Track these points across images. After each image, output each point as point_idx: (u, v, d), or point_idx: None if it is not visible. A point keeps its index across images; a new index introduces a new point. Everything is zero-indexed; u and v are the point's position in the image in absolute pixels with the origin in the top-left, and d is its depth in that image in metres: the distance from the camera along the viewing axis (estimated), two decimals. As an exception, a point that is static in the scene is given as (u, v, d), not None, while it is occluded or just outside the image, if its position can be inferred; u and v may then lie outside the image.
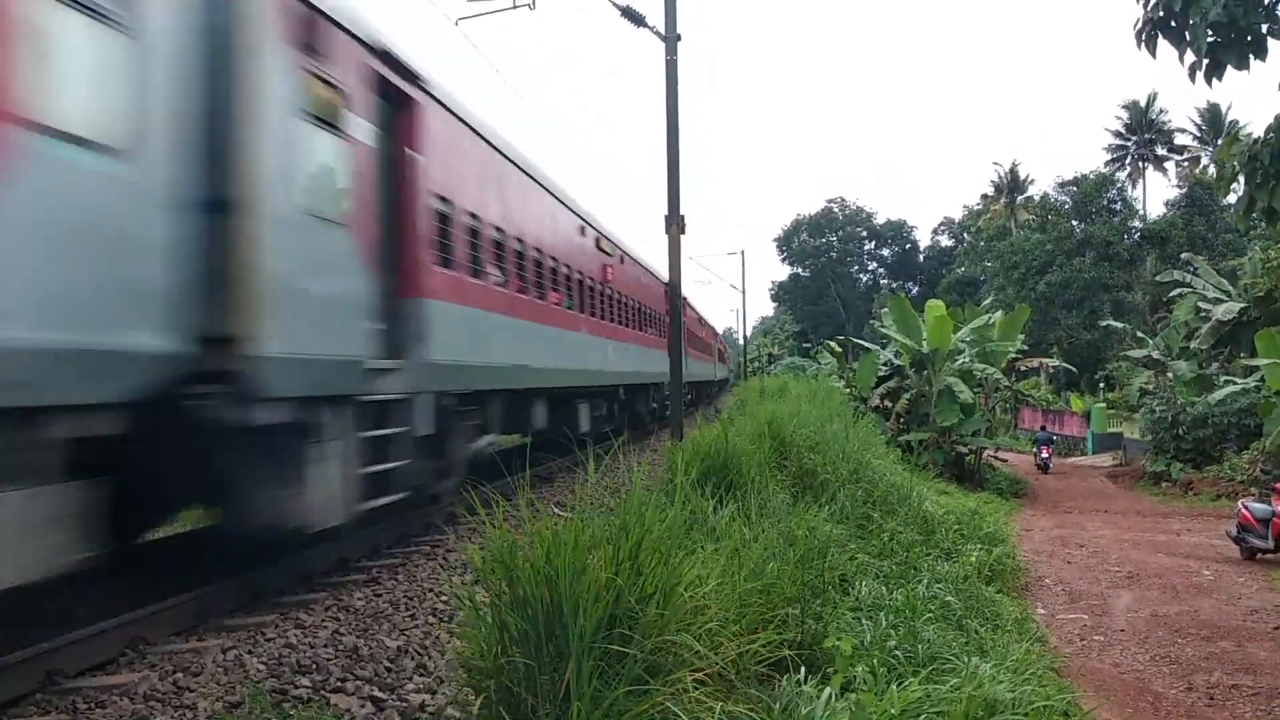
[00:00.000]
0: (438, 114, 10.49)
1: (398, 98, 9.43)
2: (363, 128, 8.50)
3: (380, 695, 5.47)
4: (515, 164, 13.63)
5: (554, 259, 15.60)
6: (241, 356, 6.49)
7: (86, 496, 5.47)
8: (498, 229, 12.60)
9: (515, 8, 14.99)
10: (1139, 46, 8.50)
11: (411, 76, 9.67)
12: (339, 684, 5.66)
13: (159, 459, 6.66)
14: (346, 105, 8.20)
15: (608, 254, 20.23)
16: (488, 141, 12.35)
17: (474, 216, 11.62)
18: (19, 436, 4.95)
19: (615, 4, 15.06)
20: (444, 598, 7.80)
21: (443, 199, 10.51)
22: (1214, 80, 8.19)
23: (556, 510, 11.10)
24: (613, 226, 21.50)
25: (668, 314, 20.20)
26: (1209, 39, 7.86)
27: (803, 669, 4.95)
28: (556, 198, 16.11)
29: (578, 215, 17.77)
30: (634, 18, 15.12)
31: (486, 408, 12.05)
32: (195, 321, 6.21)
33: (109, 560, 6.74)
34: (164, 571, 8.48)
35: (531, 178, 14.49)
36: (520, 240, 13.62)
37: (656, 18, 15.12)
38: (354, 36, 8.42)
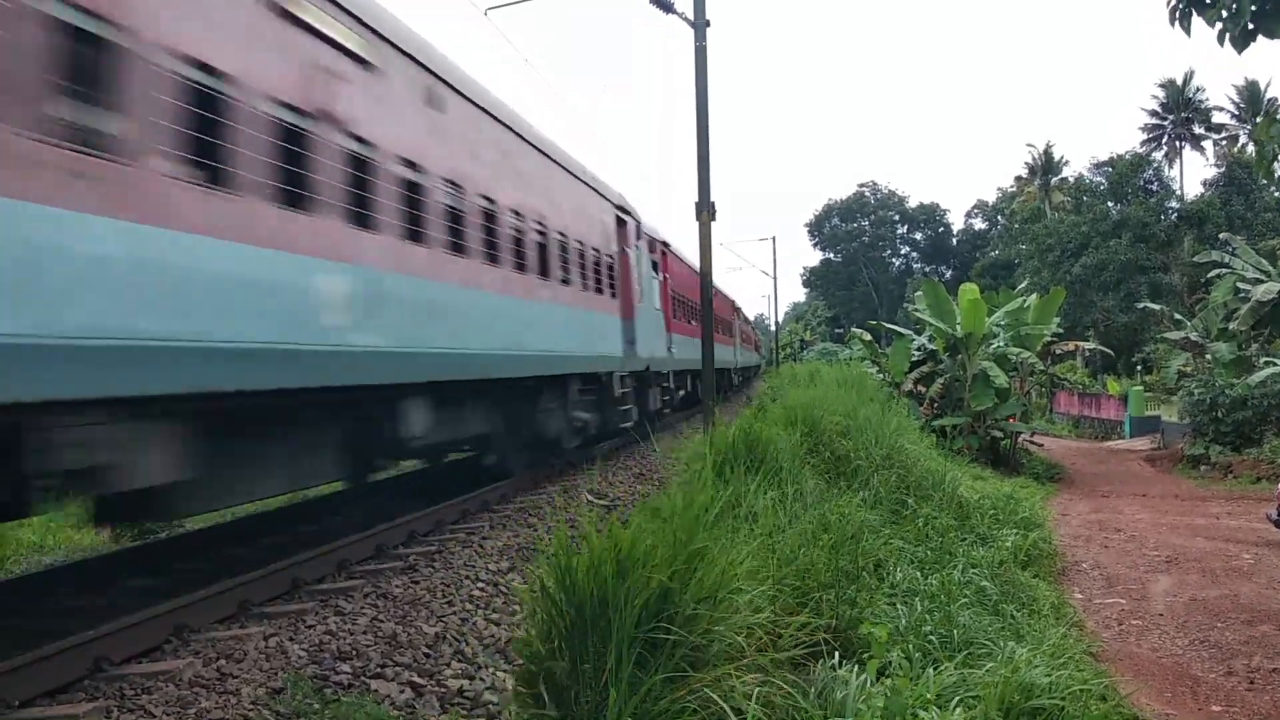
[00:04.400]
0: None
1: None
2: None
3: (419, 681, 5.55)
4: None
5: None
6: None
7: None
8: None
9: (544, -3, 15.04)
10: (1172, 24, 8.37)
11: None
12: (379, 670, 5.75)
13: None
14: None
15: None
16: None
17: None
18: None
19: (644, -9, 15.02)
20: (480, 584, 7.88)
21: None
22: (1240, 50, 8.03)
23: (590, 499, 11.20)
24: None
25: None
26: (1252, 8, 7.71)
27: (837, 654, 4.97)
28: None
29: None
30: (663, 4, 15.06)
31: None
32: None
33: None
34: (206, 560, 8.64)
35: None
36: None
37: (685, 3, 15.08)
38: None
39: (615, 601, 3.98)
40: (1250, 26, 7.85)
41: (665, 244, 24.25)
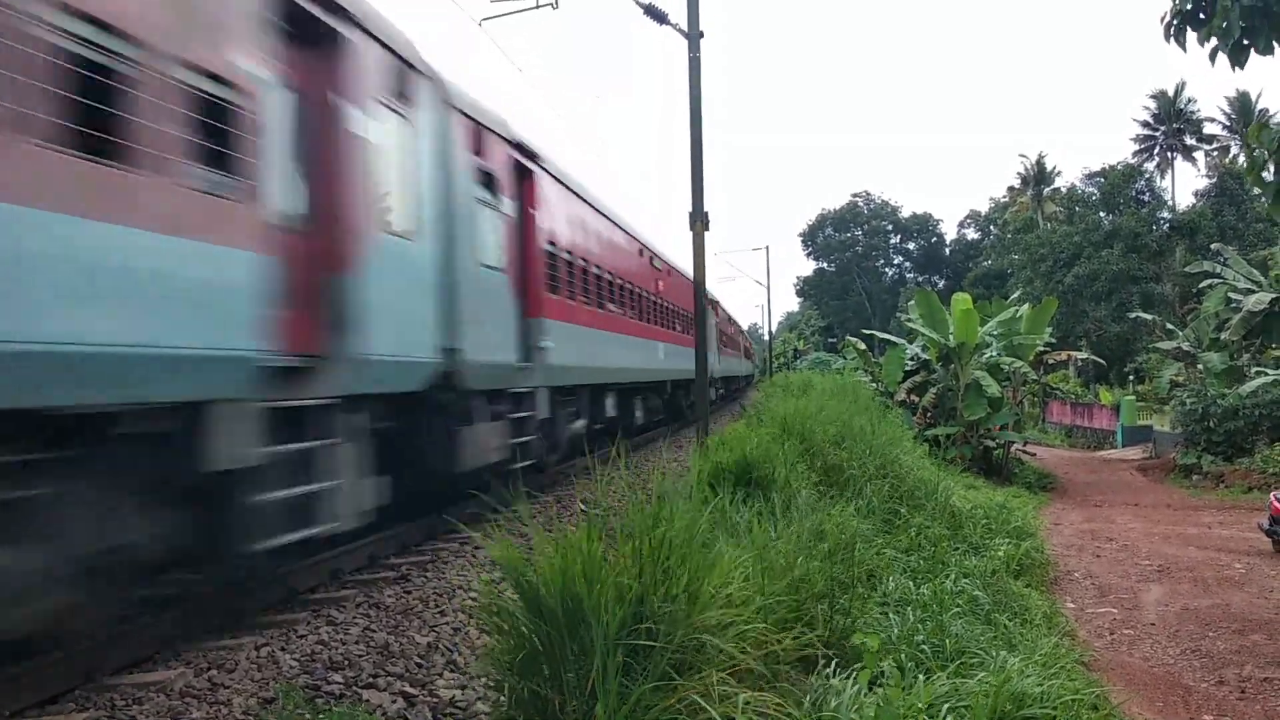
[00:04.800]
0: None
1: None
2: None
3: (411, 691, 5.54)
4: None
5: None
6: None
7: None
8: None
9: (538, 7, 15.03)
10: (1167, 40, 8.45)
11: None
12: (370, 680, 5.73)
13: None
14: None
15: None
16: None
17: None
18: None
19: (638, 2, 15.07)
20: (473, 595, 7.87)
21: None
22: (1237, 66, 8.11)
23: (582, 507, 11.15)
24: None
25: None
26: (1240, 25, 7.79)
27: (832, 664, 4.97)
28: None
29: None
30: (657, 15, 15.11)
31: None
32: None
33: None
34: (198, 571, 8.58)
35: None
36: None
37: (679, 14, 15.13)
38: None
39: (592, 605, 3.93)
40: (1245, 42, 7.92)
41: (527, 151, 12.61)
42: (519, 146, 12.22)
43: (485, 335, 10.61)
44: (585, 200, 15.94)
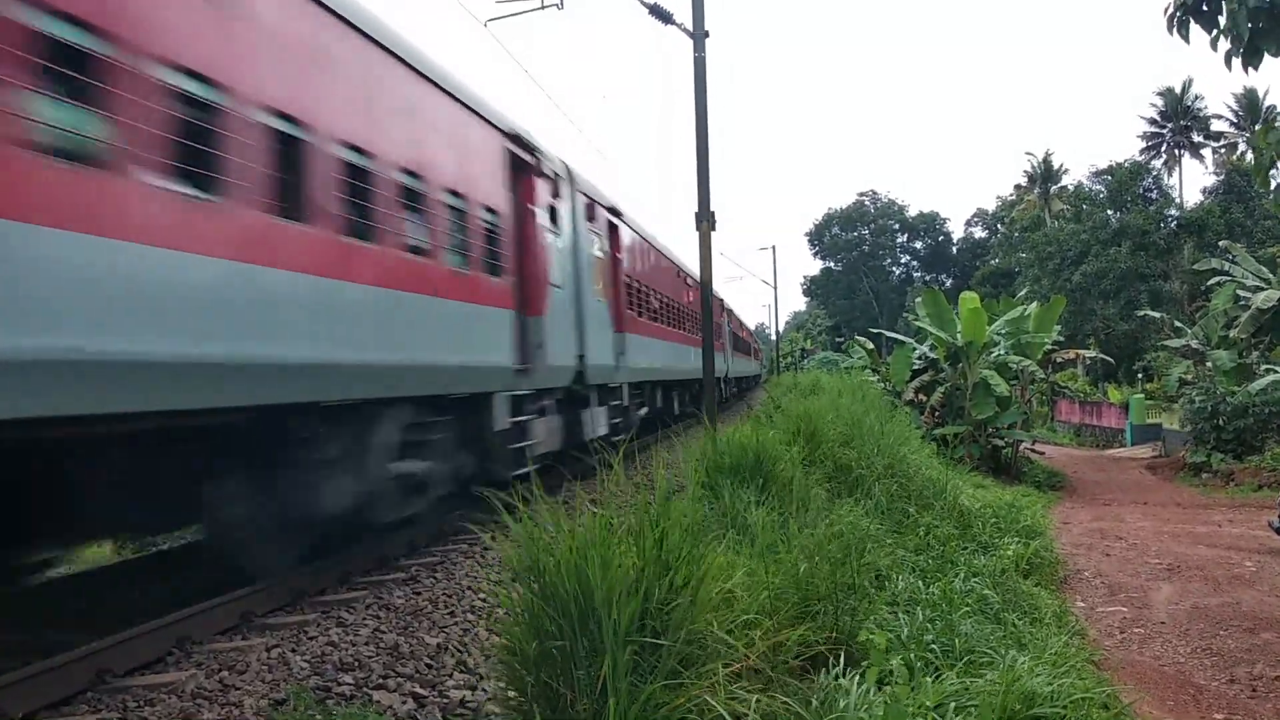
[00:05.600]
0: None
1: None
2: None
3: (421, 692, 5.55)
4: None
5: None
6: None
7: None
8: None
9: (544, 8, 15.05)
10: (1170, 32, 8.42)
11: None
12: (381, 681, 5.75)
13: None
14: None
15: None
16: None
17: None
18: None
19: (643, 2, 15.07)
20: (482, 595, 7.88)
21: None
22: (1250, 68, 8.09)
23: (591, 506, 11.18)
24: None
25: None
26: (1248, 26, 7.77)
27: (840, 662, 4.97)
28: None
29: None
30: (662, 15, 15.10)
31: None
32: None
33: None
34: (207, 572, 8.64)
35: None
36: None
37: (684, 14, 15.13)
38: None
39: (603, 600, 3.94)
40: (1257, 45, 7.89)
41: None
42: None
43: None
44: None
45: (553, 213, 13.23)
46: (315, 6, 7.50)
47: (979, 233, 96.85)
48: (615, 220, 17.63)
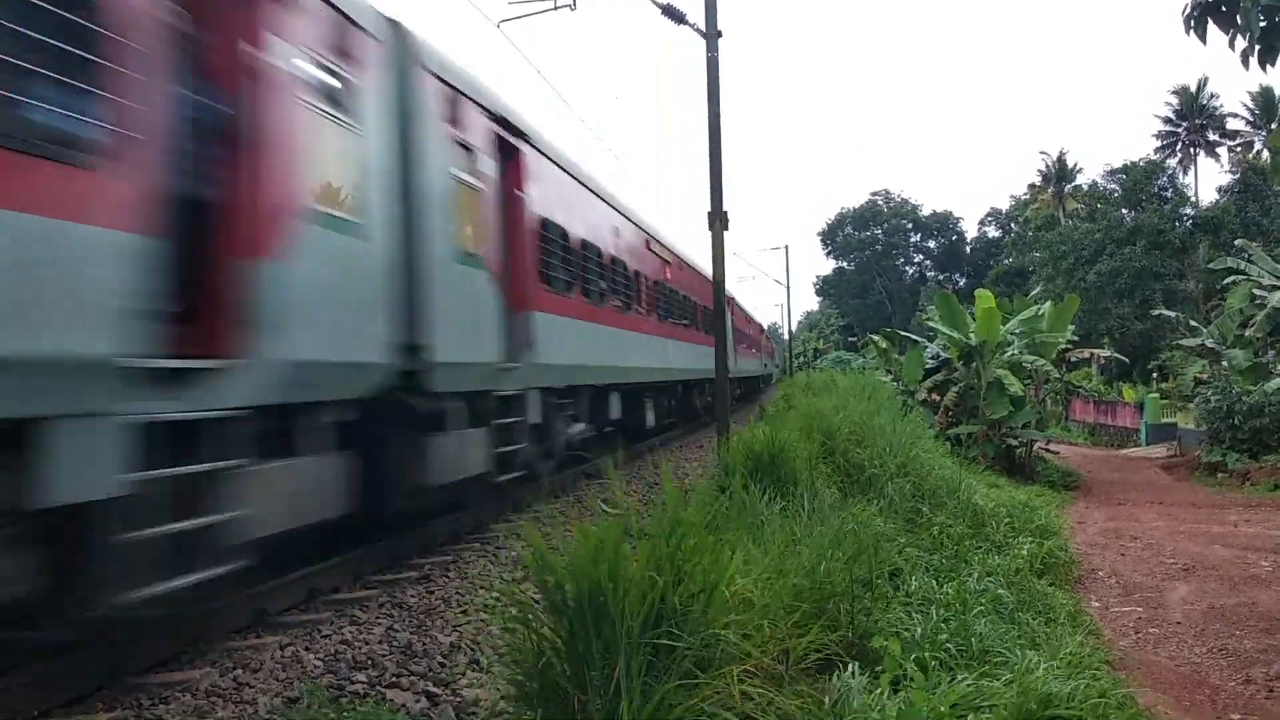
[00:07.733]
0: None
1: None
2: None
3: (434, 690, 5.56)
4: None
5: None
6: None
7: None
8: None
9: (556, 8, 15.07)
10: (1187, 31, 8.35)
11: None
12: (394, 679, 5.76)
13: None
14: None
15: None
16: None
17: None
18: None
19: (656, 2, 15.07)
20: (495, 594, 7.89)
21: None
22: (1268, 66, 8.03)
23: (604, 507, 11.17)
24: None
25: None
26: (1261, 24, 7.71)
27: (854, 664, 4.95)
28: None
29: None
30: (675, 15, 15.10)
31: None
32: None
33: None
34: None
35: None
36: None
37: (697, 13, 15.12)
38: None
39: (616, 604, 3.93)
40: (1258, 46, 7.84)
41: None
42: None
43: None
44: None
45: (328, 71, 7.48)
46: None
47: (993, 232, 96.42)
48: (516, 142, 11.63)
